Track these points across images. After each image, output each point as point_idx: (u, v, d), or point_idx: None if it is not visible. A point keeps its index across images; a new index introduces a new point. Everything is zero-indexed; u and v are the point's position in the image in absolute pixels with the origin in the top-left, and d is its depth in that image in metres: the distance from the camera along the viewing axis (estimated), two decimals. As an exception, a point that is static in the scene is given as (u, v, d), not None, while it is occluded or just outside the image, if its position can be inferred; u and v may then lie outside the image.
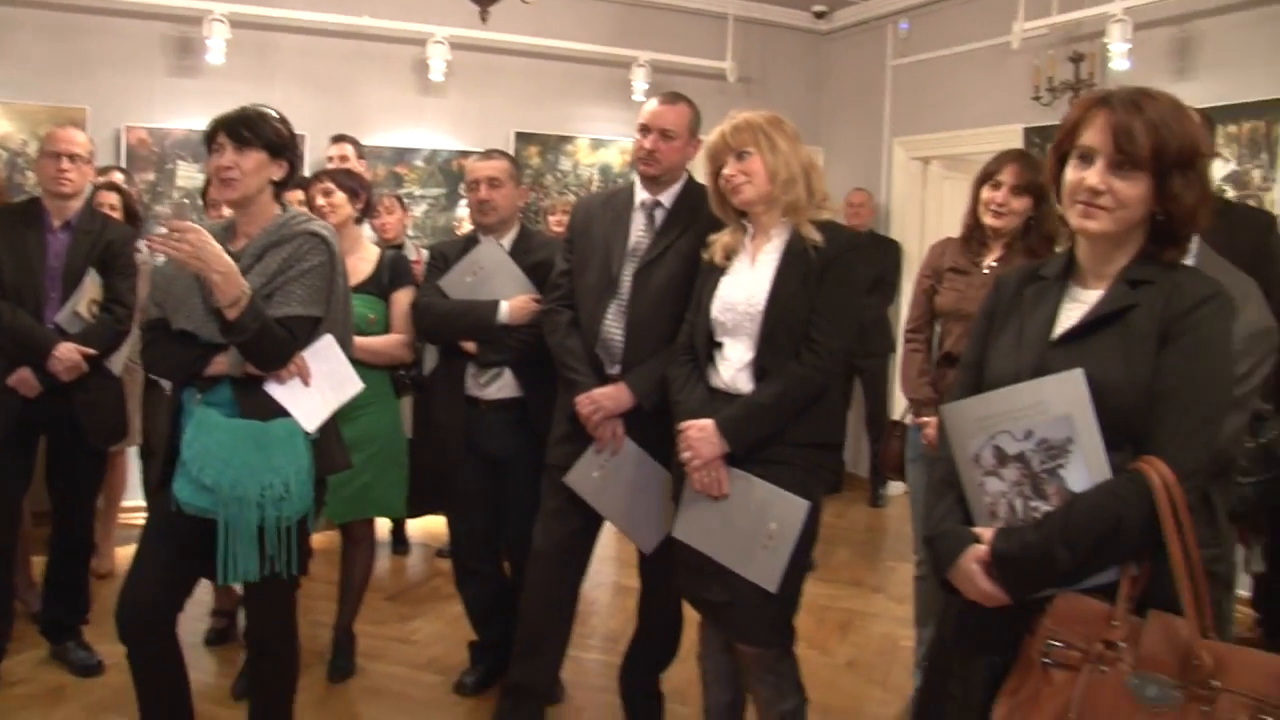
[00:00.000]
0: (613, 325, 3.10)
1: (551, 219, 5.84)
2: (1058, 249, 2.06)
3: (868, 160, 7.38)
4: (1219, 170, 5.00)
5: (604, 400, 3.05)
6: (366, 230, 4.15)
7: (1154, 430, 1.74)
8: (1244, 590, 4.31)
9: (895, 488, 6.71)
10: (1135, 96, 1.82)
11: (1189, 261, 2.14)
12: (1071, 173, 1.85)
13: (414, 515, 4.67)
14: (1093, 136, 1.81)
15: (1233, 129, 5.02)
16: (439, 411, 3.68)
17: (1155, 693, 1.63)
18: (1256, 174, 4.96)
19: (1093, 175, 1.80)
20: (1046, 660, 1.71)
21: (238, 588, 3.20)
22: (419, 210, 6.57)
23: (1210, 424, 1.75)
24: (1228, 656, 1.63)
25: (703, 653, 2.99)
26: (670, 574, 2.94)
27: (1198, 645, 1.63)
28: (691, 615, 3.11)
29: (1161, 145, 1.76)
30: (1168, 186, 1.77)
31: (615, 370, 3.11)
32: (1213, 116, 4.91)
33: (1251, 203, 4.87)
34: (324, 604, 4.23)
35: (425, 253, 4.51)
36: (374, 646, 4.17)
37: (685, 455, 2.70)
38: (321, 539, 4.57)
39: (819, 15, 7.61)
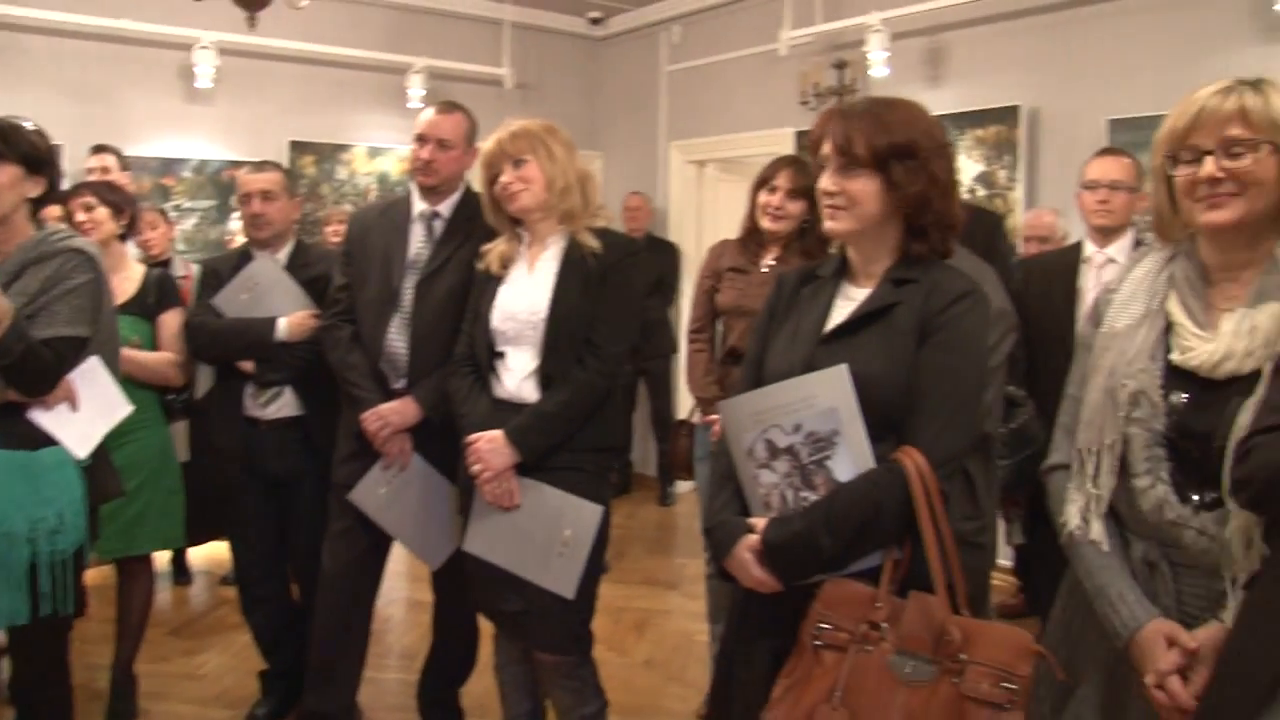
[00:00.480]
0: (396, 339, 3.06)
1: (328, 229, 5.71)
2: (832, 250, 2.17)
3: (645, 164, 7.54)
4: (969, 171, 5.36)
5: (390, 415, 3.01)
6: (131, 247, 3.94)
7: (912, 421, 1.86)
8: (1009, 561, 4.64)
9: (683, 486, 6.86)
10: (862, 104, 1.97)
11: None
12: (819, 180, 1.97)
13: (194, 543, 4.48)
14: (826, 145, 1.95)
15: (980, 133, 5.39)
16: (216, 434, 3.55)
17: (912, 669, 1.74)
18: (1002, 174, 5.35)
19: (824, 180, 1.94)
20: (817, 642, 1.80)
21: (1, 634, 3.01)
22: (189, 223, 6.29)
23: (964, 414, 1.88)
24: (975, 631, 1.75)
25: (500, 663, 2.99)
26: (464, 586, 2.92)
27: (949, 622, 1.75)
28: (487, 627, 3.10)
29: (878, 142, 1.89)
30: (890, 178, 1.90)
31: (401, 384, 3.06)
32: (964, 120, 5.33)
33: (998, 200, 5.25)
34: (100, 645, 4.00)
35: (196, 269, 4.34)
36: (157, 685, 3.97)
37: (475, 468, 2.68)
38: (95, 574, 4.33)
39: (594, 21, 7.72)
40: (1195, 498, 1.66)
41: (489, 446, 2.66)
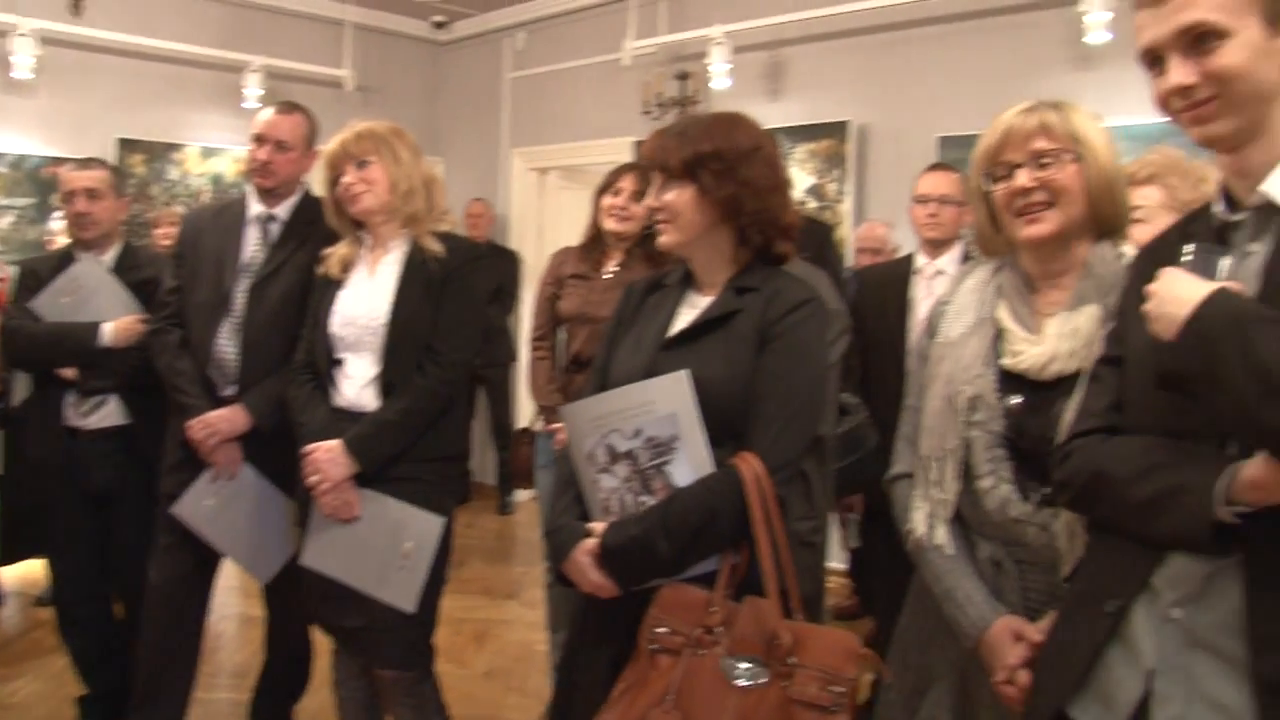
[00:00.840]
0: (226, 344, 2.95)
1: (158, 232, 5.48)
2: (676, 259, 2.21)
3: (486, 170, 7.50)
4: (802, 183, 5.52)
5: (218, 423, 2.90)
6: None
7: (751, 427, 1.90)
8: (843, 564, 4.76)
9: (523, 495, 6.82)
10: (680, 121, 2.05)
11: None
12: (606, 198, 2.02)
13: (7, 562, 4.24)
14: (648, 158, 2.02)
15: (812, 146, 5.55)
16: (33, 445, 3.37)
17: (744, 672, 1.76)
18: (832, 187, 5.52)
19: (649, 197, 2.00)
20: (653, 646, 1.81)
21: None
22: (5, 222, 5.95)
23: (800, 421, 1.93)
24: (805, 635, 1.79)
25: (338, 680, 2.90)
26: (297, 600, 2.84)
27: (780, 626, 1.79)
28: (323, 642, 3.01)
29: (685, 152, 1.95)
30: (701, 185, 1.95)
31: (230, 391, 2.95)
32: (798, 134, 5.47)
33: (828, 212, 5.42)
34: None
35: (13, 270, 4.11)
36: (-36, 712, 3.74)
37: (312, 479, 2.60)
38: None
39: (438, 25, 7.64)
40: (1035, 496, 1.75)
41: (326, 456, 2.58)
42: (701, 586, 1.86)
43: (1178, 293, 1.31)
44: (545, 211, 7.38)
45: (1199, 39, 1.33)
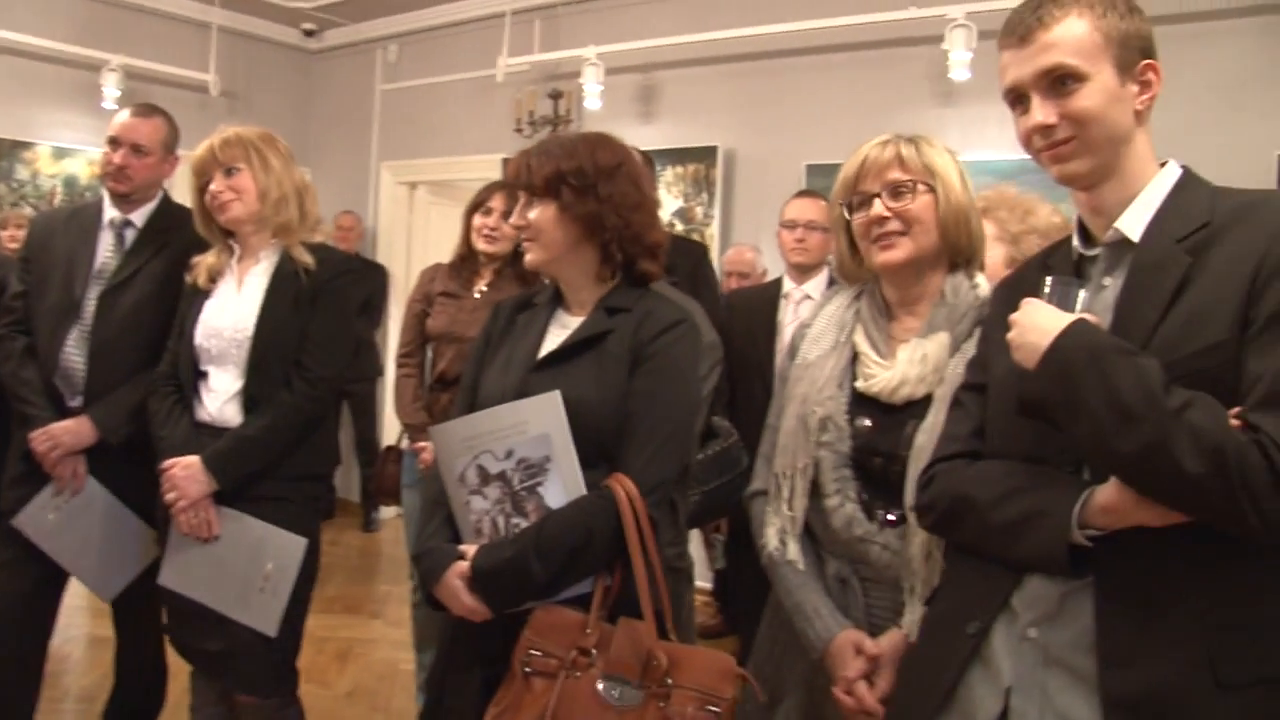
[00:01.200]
0: (74, 353, 2.83)
1: (4, 234, 5.24)
2: (546, 279, 2.21)
3: (356, 183, 7.36)
4: (670, 206, 5.60)
5: (62, 435, 2.77)
6: None
7: (624, 448, 1.90)
8: (709, 584, 4.80)
9: (387, 512, 6.73)
10: (545, 140, 2.05)
11: None
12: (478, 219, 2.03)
13: None
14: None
15: (681, 169, 5.62)
16: None
17: (620, 694, 1.77)
18: (699, 210, 5.59)
19: (515, 216, 2.01)
20: (528, 669, 1.80)
21: None
22: None
23: (675, 442, 1.93)
24: (681, 656, 1.81)
25: (195, 704, 2.78)
26: (149, 620, 2.73)
27: (656, 647, 1.80)
28: (176, 664, 2.89)
29: (547, 170, 1.96)
30: (563, 202, 1.96)
31: (77, 402, 2.83)
32: (668, 156, 5.53)
33: (695, 235, 5.50)
34: None
35: None
36: None
37: (170, 496, 2.50)
38: None
39: (308, 33, 7.47)
40: (879, 516, 1.81)
41: (184, 473, 2.49)
42: (576, 608, 1.86)
43: (1039, 323, 1.39)
44: (414, 226, 7.29)
45: (1059, 81, 1.42)
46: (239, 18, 7.07)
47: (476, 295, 3.40)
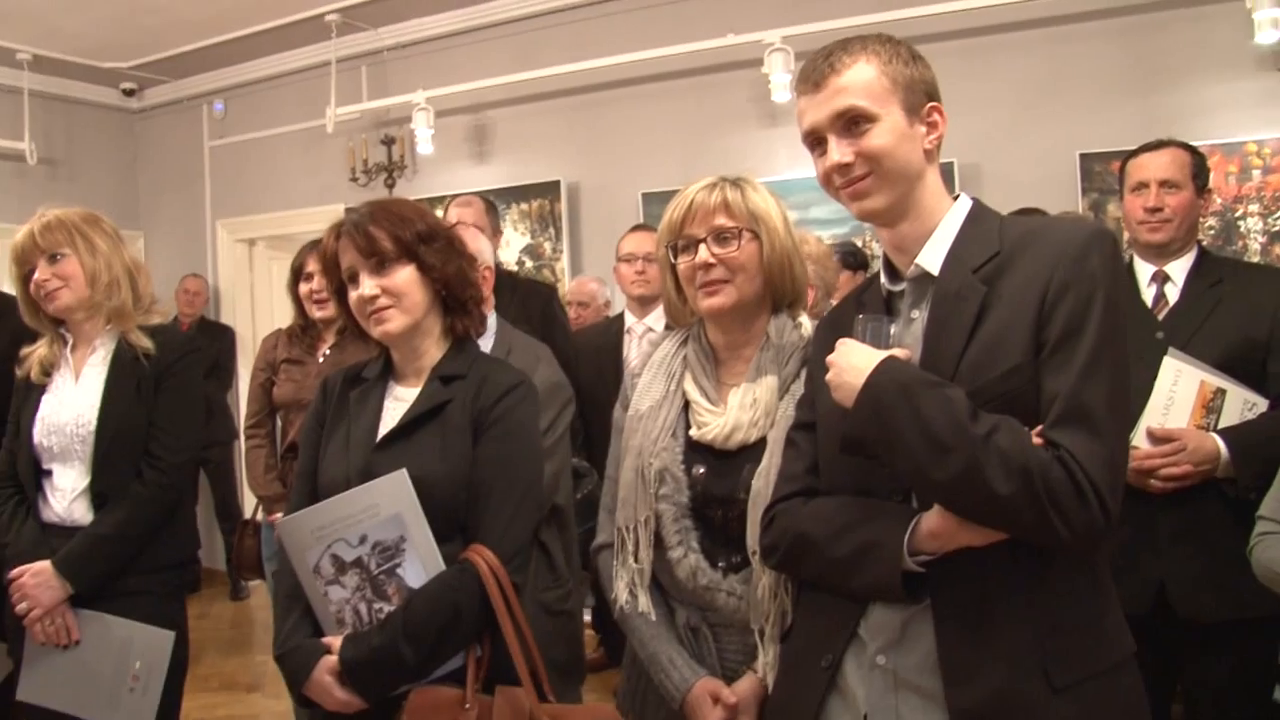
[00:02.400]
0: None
1: None
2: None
3: (192, 243, 7.18)
4: (517, 244, 5.62)
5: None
6: None
7: (477, 518, 1.90)
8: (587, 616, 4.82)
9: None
10: (365, 209, 1.99)
11: (489, 336, 2.38)
12: (353, 293, 1.98)
13: None
14: (349, 259, 1.96)
15: (525, 206, 5.65)
16: None
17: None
18: (547, 246, 5.63)
19: (364, 287, 1.94)
20: (406, 754, 1.78)
21: None
22: None
23: (526, 505, 1.95)
24: (562, 715, 1.84)
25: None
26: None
27: (537, 711, 1.82)
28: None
29: (402, 232, 1.94)
30: (425, 261, 1.96)
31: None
32: (511, 194, 5.56)
33: (545, 271, 5.53)
34: None
35: None
36: None
37: (22, 606, 2.40)
38: None
39: (128, 93, 7.24)
40: (723, 563, 1.85)
41: (35, 581, 2.39)
42: (451, 684, 1.85)
43: (853, 363, 1.47)
44: (256, 283, 7.14)
45: (852, 122, 1.51)
46: (52, 80, 6.79)
47: (320, 359, 3.36)
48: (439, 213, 5.16)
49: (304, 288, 3.37)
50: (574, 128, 5.63)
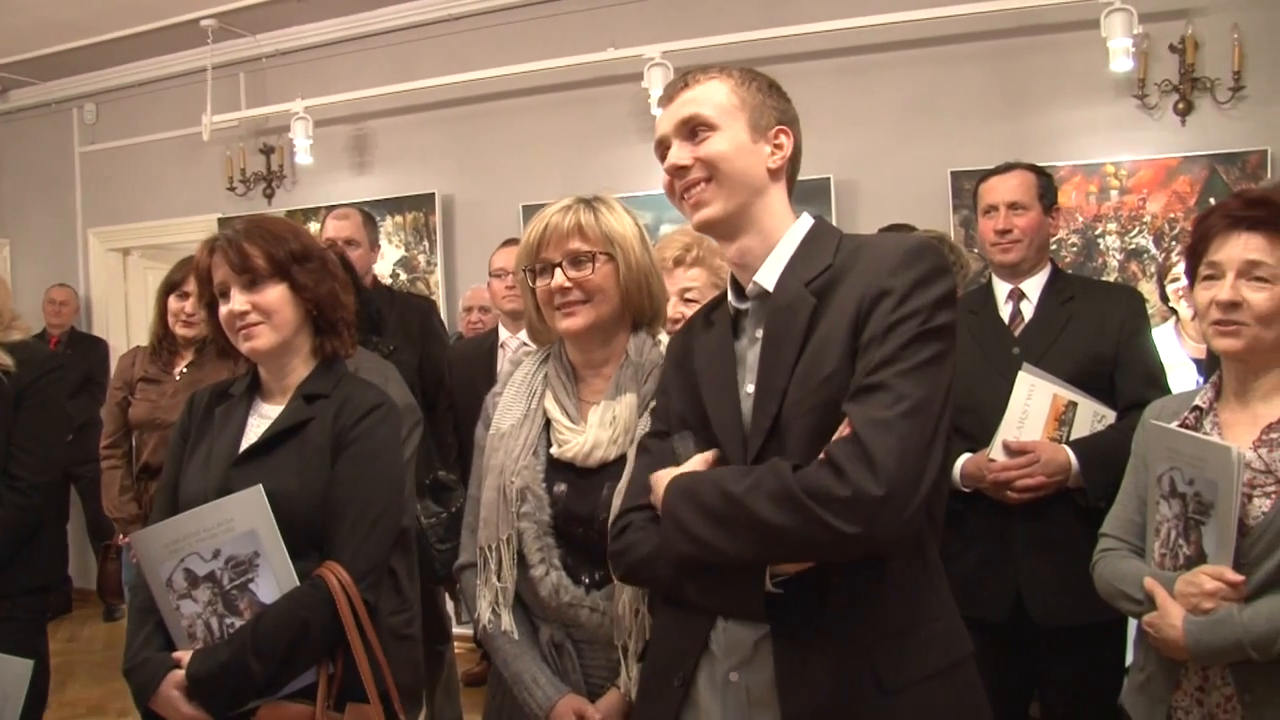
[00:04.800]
0: None
1: None
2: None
3: (61, 252, 6.93)
4: (391, 256, 5.59)
5: None
6: None
7: (332, 536, 1.90)
8: (469, 630, 4.80)
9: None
10: (241, 225, 2.00)
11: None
12: (223, 307, 1.97)
13: None
14: (221, 275, 1.97)
15: (400, 218, 5.62)
16: None
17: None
18: (422, 258, 5.61)
19: (235, 303, 1.95)
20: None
21: None
22: None
23: (382, 524, 1.94)
24: None
25: None
26: None
27: None
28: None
29: (276, 251, 1.95)
30: (296, 282, 1.97)
31: None
32: (386, 206, 5.52)
33: (420, 283, 5.53)
34: None
35: None
36: None
37: None
38: None
39: (-9, 95, 6.98)
40: (586, 579, 1.86)
41: None
42: (302, 701, 1.84)
43: (659, 490, 1.52)
44: (131, 294, 6.93)
45: (694, 130, 1.56)
46: (-95, 79, 6.52)
47: (177, 377, 3.29)
48: (316, 224, 5.13)
49: (175, 304, 3.30)
50: (452, 140, 5.61)
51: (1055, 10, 4.34)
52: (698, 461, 1.53)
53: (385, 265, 5.64)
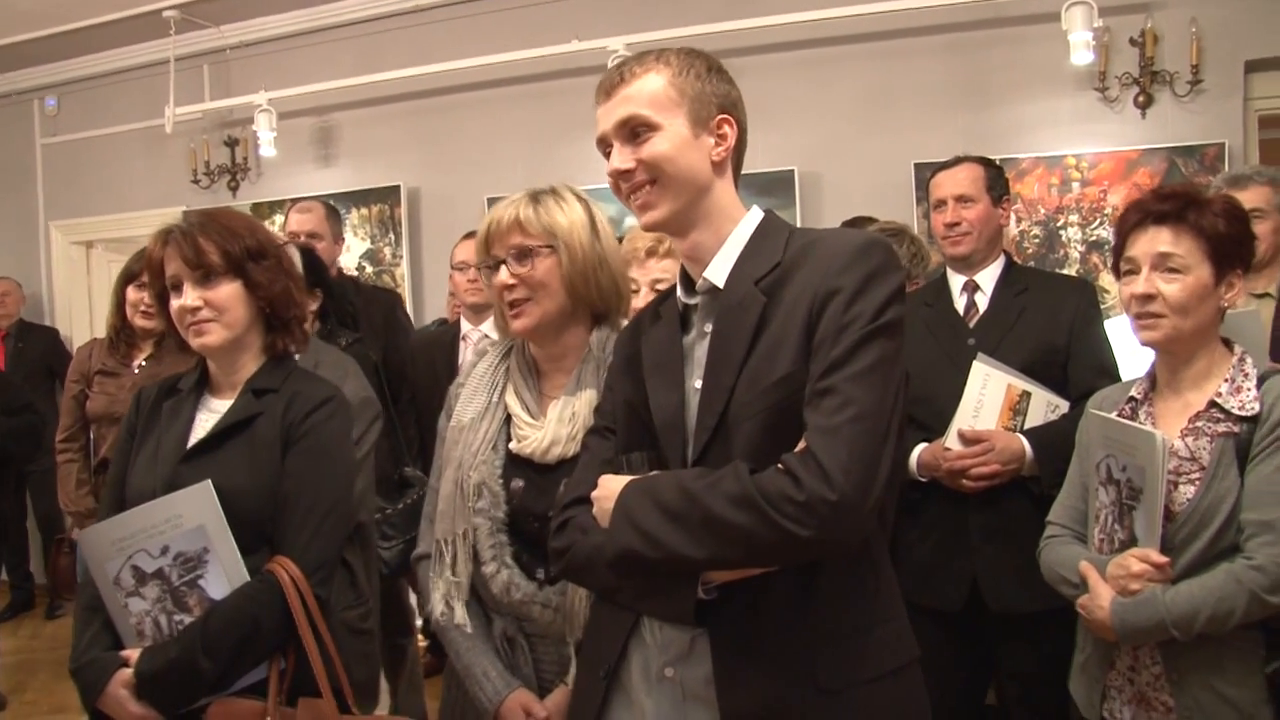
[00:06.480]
0: None
1: None
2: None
3: (23, 245, 6.85)
4: (357, 249, 5.56)
5: None
6: None
7: (282, 531, 1.88)
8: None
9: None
10: (196, 217, 1.98)
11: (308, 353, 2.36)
12: (175, 301, 1.95)
13: None
14: (174, 268, 1.94)
15: (365, 211, 5.60)
16: None
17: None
18: (388, 251, 5.59)
19: (187, 298, 1.92)
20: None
21: None
22: None
23: (333, 519, 1.93)
24: None
25: None
26: None
27: None
28: None
29: (232, 247, 1.93)
30: (250, 280, 1.95)
31: None
32: (351, 199, 5.50)
33: (386, 276, 5.51)
34: None
35: None
36: None
37: None
38: None
39: (-51, 86, 6.87)
40: (541, 574, 1.85)
41: None
42: (253, 697, 1.83)
43: (610, 490, 1.49)
44: (95, 287, 6.84)
45: (634, 131, 1.52)
46: None
47: (136, 370, 3.26)
48: (280, 217, 5.10)
49: (134, 294, 3.27)
50: (418, 132, 5.59)
51: (1017, 3, 4.37)
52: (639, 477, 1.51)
53: (351, 258, 5.61)
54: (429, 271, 5.49)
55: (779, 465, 1.36)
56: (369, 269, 5.58)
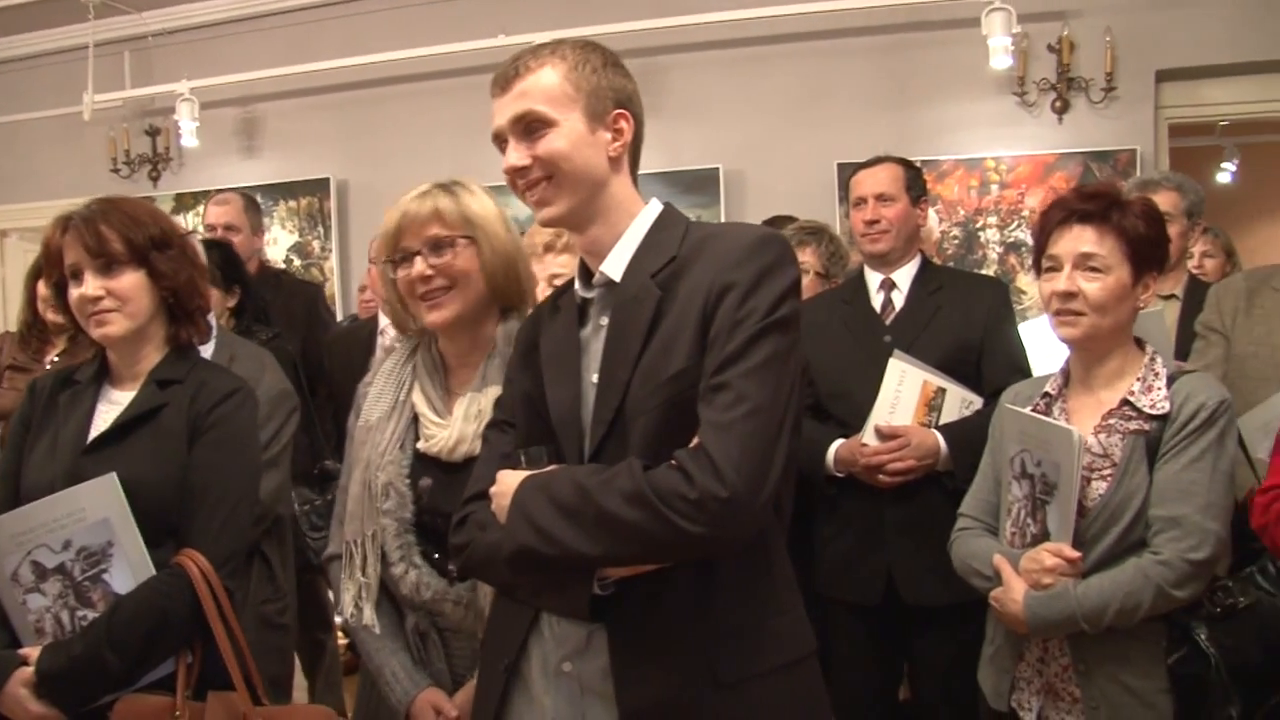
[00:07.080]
0: None
1: None
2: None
3: (-65, 235, 6.65)
4: (285, 242, 5.49)
5: None
6: None
7: (189, 523, 1.85)
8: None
9: None
10: (97, 205, 1.93)
11: (210, 342, 2.32)
12: (74, 290, 1.89)
13: None
14: (74, 256, 1.88)
15: (293, 204, 5.53)
16: None
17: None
18: (316, 244, 5.52)
19: (88, 287, 1.87)
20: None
21: None
22: None
23: (241, 510, 1.91)
24: (278, 716, 1.84)
25: None
26: None
27: (250, 714, 1.79)
28: None
29: (136, 236, 1.88)
30: (154, 269, 1.91)
31: None
32: (278, 191, 5.43)
33: (315, 270, 5.45)
34: None
35: None
36: None
37: None
38: None
39: None
40: (452, 571, 1.83)
41: None
42: (160, 692, 1.80)
43: (506, 486, 1.47)
44: (9, 278, 6.67)
45: (530, 127, 1.50)
46: None
47: (49, 366, 3.18)
48: (199, 209, 5.02)
49: (44, 288, 3.18)
50: (346, 124, 5.54)
51: (940, 8, 4.44)
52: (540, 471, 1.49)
53: (279, 251, 5.55)
54: (358, 265, 5.41)
55: (672, 461, 1.36)
56: (297, 262, 5.52)
